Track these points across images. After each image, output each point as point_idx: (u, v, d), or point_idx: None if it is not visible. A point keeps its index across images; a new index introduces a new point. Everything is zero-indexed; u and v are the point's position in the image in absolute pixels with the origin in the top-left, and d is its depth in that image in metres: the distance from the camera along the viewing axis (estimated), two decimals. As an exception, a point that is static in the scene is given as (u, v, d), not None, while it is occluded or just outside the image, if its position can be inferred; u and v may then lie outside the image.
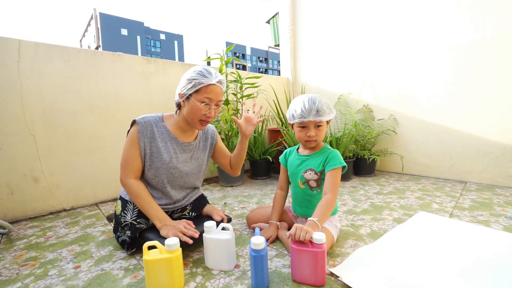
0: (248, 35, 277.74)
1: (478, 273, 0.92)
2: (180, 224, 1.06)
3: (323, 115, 1.07)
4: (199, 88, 1.05)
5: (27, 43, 1.59)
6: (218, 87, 1.08)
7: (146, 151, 1.10)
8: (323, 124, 1.11)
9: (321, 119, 1.07)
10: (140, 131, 1.09)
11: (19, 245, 1.26)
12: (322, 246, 0.86)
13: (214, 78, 1.06)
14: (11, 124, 1.55)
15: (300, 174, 1.18)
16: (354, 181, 2.30)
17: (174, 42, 48.53)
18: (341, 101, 2.81)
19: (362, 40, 2.69)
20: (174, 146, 1.15)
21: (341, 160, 1.11)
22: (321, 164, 1.13)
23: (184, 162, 1.18)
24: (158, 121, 1.14)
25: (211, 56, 2.36)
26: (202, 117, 1.08)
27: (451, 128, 2.22)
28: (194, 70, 1.07)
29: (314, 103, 1.07)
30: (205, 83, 1.04)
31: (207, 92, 1.05)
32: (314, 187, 1.16)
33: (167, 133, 1.14)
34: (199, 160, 1.24)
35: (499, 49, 1.96)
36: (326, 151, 1.16)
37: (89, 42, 40.91)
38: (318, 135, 1.11)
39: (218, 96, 1.09)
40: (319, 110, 1.06)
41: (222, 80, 1.10)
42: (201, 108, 1.06)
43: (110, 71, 1.90)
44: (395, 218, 1.45)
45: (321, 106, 1.07)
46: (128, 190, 1.09)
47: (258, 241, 0.85)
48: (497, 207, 1.58)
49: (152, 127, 1.11)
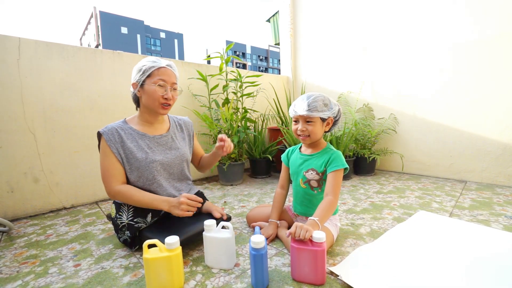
0: (248, 33, 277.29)
1: (478, 272, 0.92)
2: (182, 198, 1.07)
3: (313, 111, 1.06)
4: (151, 72, 1.09)
5: (27, 41, 1.58)
6: (169, 70, 1.12)
7: (121, 155, 1.10)
8: (315, 121, 1.09)
9: (309, 114, 1.06)
10: (108, 139, 1.09)
11: (19, 243, 1.27)
12: (322, 245, 0.86)
13: (164, 62, 1.12)
14: (11, 122, 1.55)
15: (301, 174, 1.18)
16: (354, 180, 2.30)
17: (174, 40, 48.42)
18: (341, 100, 2.81)
19: (362, 39, 2.68)
20: (147, 142, 1.15)
21: (343, 161, 1.10)
22: (323, 165, 1.12)
23: (163, 153, 1.17)
24: (122, 125, 1.15)
25: (211, 54, 2.36)
26: (161, 99, 1.10)
27: (451, 127, 2.22)
28: (143, 60, 1.13)
29: (308, 99, 1.07)
30: (155, 66, 1.09)
31: (159, 74, 1.09)
32: (315, 187, 1.16)
33: (135, 132, 1.15)
34: (180, 150, 1.24)
35: (499, 48, 1.95)
36: (329, 151, 1.15)
37: (89, 40, 40.84)
38: (309, 131, 1.10)
39: (171, 77, 1.12)
40: (310, 105, 1.06)
41: (171, 63, 1.14)
42: (157, 90, 1.08)
43: (110, 70, 1.89)
44: (395, 217, 1.45)
45: (314, 102, 1.06)
46: (120, 197, 1.09)
47: (258, 239, 0.85)
48: (497, 206, 1.58)
49: (117, 132, 1.12)
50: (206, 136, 2.34)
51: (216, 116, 2.33)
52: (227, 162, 2.17)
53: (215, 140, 2.25)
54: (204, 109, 2.39)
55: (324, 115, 1.08)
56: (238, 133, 2.19)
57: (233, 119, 2.19)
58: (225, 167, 2.14)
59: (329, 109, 1.10)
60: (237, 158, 2.28)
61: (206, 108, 2.37)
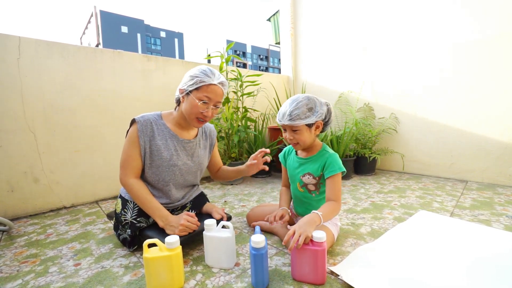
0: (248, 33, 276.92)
1: (479, 272, 0.92)
2: (182, 220, 1.05)
3: (296, 119, 1.01)
4: (200, 86, 1.05)
5: (27, 40, 1.58)
6: (219, 88, 1.09)
7: (146, 149, 1.10)
8: (300, 129, 1.04)
9: (291, 123, 1.02)
10: (140, 129, 1.08)
11: (19, 242, 1.27)
12: (323, 245, 0.85)
13: (217, 79, 1.08)
14: (11, 121, 1.55)
15: (298, 178, 1.16)
16: (355, 179, 2.29)
17: (174, 40, 48.40)
18: (342, 99, 2.81)
19: (362, 39, 2.68)
20: (175, 143, 1.15)
21: (340, 165, 1.08)
22: (319, 169, 1.10)
23: (184, 159, 1.17)
24: (157, 119, 1.14)
25: (211, 54, 2.35)
26: (199, 114, 1.08)
27: (452, 127, 2.22)
28: (199, 69, 1.09)
29: (290, 106, 1.03)
30: (206, 82, 1.05)
31: (208, 91, 1.06)
32: (313, 191, 1.15)
33: (166, 130, 1.14)
34: (200, 158, 1.24)
35: (500, 47, 1.95)
36: (324, 154, 1.12)
37: (90, 39, 40.82)
38: (298, 139, 1.07)
39: (218, 96, 1.09)
40: (291, 114, 1.01)
41: (224, 82, 1.11)
42: (199, 106, 1.06)
43: (110, 69, 1.89)
44: (395, 217, 1.45)
45: (295, 110, 1.01)
46: (129, 190, 1.08)
47: (258, 239, 0.85)
48: (498, 206, 1.58)
49: (151, 125, 1.11)
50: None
51: (216, 115, 2.33)
52: (228, 161, 2.17)
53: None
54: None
55: (309, 121, 1.02)
56: (239, 132, 2.19)
57: (234, 118, 2.19)
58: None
59: (314, 112, 1.03)
60: (238, 157, 2.28)
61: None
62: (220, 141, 2.30)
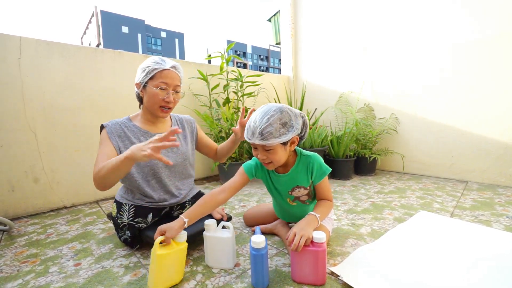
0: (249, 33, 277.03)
1: (479, 273, 0.92)
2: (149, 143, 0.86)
3: (269, 138, 0.87)
4: (154, 75, 1.06)
5: (28, 40, 1.58)
6: (173, 72, 1.09)
7: (121, 149, 1.07)
8: (274, 148, 0.91)
9: (264, 143, 0.88)
10: (109, 131, 1.08)
11: (20, 242, 1.27)
12: (323, 245, 0.85)
13: (168, 64, 1.09)
14: (12, 121, 1.55)
15: (286, 193, 1.08)
16: (355, 180, 2.29)
17: (175, 40, 48.43)
18: (342, 99, 2.81)
19: (363, 39, 2.68)
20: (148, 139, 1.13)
21: (325, 165, 1.03)
22: (307, 177, 1.03)
23: (164, 152, 1.15)
24: (126, 121, 1.14)
25: (212, 54, 2.35)
26: (161, 102, 1.08)
27: (452, 127, 2.21)
28: (148, 59, 1.10)
29: (261, 123, 0.88)
30: (159, 68, 1.06)
31: (162, 77, 1.06)
32: (307, 199, 1.11)
33: (137, 130, 1.14)
34: (182, 148, 1.22)
35: (500, 47, 1.95)
36: (305, 159, 1.03)
37: (90, 39, 40.87)
38: (271, 159, 0.93)
39: (174, 80, 1.09)
40: (263, 133, 0.87)
41: (176, 65, 1.11)
42: (158, 93, 1.06)
43: (110, 69, 1.89)
44: (395, 218, 1.45)
45: (268, 127, 0.87)
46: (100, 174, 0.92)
47: (259, 239, 0.85)
48: (498, 206, 1.58)
49: (121, 127, 1.11)
50: (204, 128, 2.34)
51: (216, 115, 2.33)
52: (228, 161, 2.17)
53: (216, 140, 2.25)
54: (205, 109, 2.39)
55: (284, 139, 0.89)
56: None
57: (234, 118, 2.19)
58: (226, 166, 2.14)
59: (290, 128, 0.91)
60: (238, 157, 2.28)
61: (207, 107, 2.37)
62: (220, 141, 2.30)
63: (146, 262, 1.05)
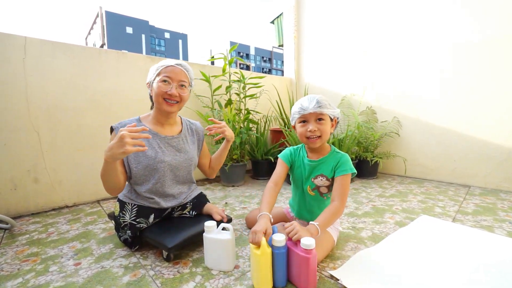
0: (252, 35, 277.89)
1: (481, 279, 0.91)
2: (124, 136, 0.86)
3: (324, 107, 1.03)
4: (159, 71, 1.11)
5: (32, 40, 1.60)
6: (177, 68, 1.12)
7: None
8: (326, 119, 1.05)
9: (321, 110, 1.02)
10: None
11: (21, 240, 1.27)
12: (310, 252, 0.83)
13: (174, 62, 1.13)
14: (15, 120, 1.57)
15: (309, 180, 1.13)
16: (356, 183, 2.28)
17: (178, 41, 48.64)
18: (345, 102, 2.80)
19: (365, 42, 2.68)
20: (157, 141, 1.15)
21: (351, 166, 1.07)
22: (332, 170, 1.08)
23: (172, 155, 1.17)
24: (136, 122, 1.14)
25: (215, 55, 2.36)
26: (164, 95, 1.10)
27: (454, 131, 2.20)
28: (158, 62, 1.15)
29: (314, 97, 1.04)
30: (164, 65, 1.11)
31: (166, 71, 1.10)
32: (325, 193, 1.12)
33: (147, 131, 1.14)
34: (189, 153, 1.23)
35: (502, 50, 1.94)
36: (337, 154, 1.11)
37: (95, 40, 41.17)
38: (321, 130, 1.04)
39: (178, 75, 1.11)
40: (320, 101, 1.02)
41: (182, 63, 1.15)
42: (161, 86, 1.09)
43: (114, 69, 1.90)
44: (397, 222, 1.44)
45: (322, 100, 1.03)
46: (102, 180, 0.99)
47: (280, 238, 0.86)
48: (501, 212, 1.56)
49: None
50: (208, 137, 2.34)
51: (218, 117, 2.33)
52: (229, 163, 2.17)
53: (217, 141, 2.25)
54: (207, 110, 2.40)
55: (334, 113, 1.06)
56: (241, 134, 2.19)
57: (236, 120, 2.19)
58: (227, 168, 2.14)
59: (334, 108, 1.08)
60: (239, 159, 2.28)
61: (209, 108, 2.37)
62: (221, 142, 2.30)
63: (146, 262, 1.05)
